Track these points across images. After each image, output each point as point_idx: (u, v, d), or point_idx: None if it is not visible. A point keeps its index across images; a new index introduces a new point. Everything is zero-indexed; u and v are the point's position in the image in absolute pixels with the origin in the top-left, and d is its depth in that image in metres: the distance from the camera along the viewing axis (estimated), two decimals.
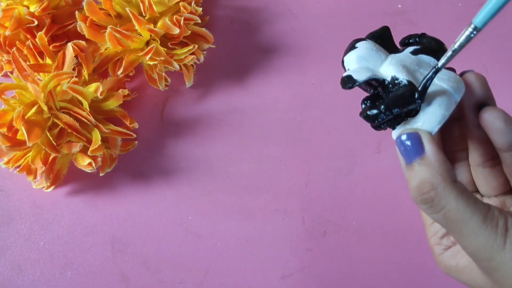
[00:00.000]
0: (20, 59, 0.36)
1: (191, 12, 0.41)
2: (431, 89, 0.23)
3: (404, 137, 0.22)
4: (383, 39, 0.25)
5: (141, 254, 0.37)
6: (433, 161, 0.22)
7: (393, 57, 0.24)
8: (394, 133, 0.24)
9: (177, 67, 0.40)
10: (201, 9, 0.42)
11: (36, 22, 0.39)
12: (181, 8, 0.40)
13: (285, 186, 0.40)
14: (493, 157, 0.26)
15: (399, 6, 0.48)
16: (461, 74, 0.25)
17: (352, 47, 0.25)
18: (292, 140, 0.41)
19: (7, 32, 0.39)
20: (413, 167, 0.22)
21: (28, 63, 0.37)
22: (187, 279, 0.37)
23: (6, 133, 0.34)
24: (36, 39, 0.38)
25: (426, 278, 0.37)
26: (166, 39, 0.41)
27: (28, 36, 0.40)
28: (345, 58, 0.24)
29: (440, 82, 0.23)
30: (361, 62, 0.24)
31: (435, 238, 0.28)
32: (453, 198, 0.21)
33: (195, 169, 0.40)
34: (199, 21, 0.41)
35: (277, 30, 0.47)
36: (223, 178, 0.40)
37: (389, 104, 0.22)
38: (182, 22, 0.39)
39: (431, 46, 0.25)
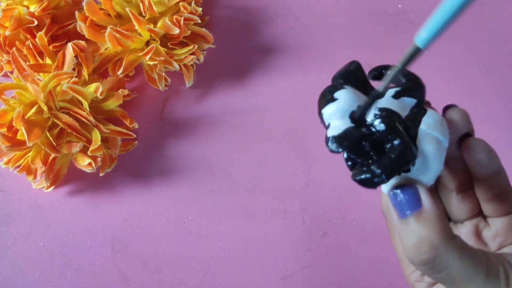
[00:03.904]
0: (20, 59, 0.36)
1: (191, 12, 0.41)
2: (422, 138, 0.21)
3: (398, 190, 0.21)
4: (357, 79, 0.23)
5: (141, 254, 0.37)
6: (431, 217, 0.20)
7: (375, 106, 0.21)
8: (385, 186, 0.22)
9: (177, 67, 0.40)
10: (201, 9, 0.42)
11: (36, 22, 0.39)
12: (181, 8, 0.40)
13: (285, 186, 0.40)
14: (466, 182, 0.25)
15: (399, 6, 0.48)
16: (444, 109, 0.24)
17: (330, 98, 0.22)
18: (292, 140, 0.41)
19: (7, 32, 0.39)
20: (409, 222, 0.20)
21: (28, 63, 0.37)
22: (187, 279, 0.37)
23: (6, 133, 0.34)
24: (36, 39, 0.38)
25: None
26: (166, 39, 0.41)
27: (28, 36, 0.40)
28: (324, 111, 0.21)
29: (429, 129, 0.21)
30: (344, 116, 0.21)
31: (416, 276, 0.26)
32: (457, 257, 0.19)
33: (195, 169, 0.40)
34: (199, 21, 0.41)
35: (277, 30, 0.47)
36: (223, 178, 0.40)
37: (386, 169, 0.19)
38: (182, 22, 0.39)
39: (409, 85, 0.23)
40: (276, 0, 0.49)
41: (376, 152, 0.21)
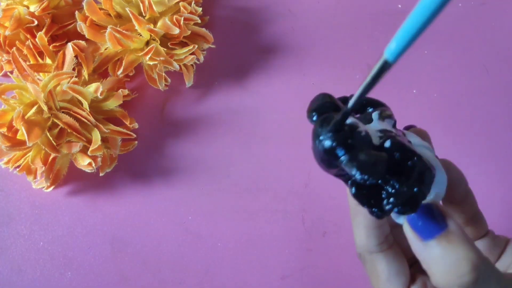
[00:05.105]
0: (20, 59, 0.36)
1: (191, 12, 0.41)
2: (422, 153, 0.19)
3: (417, 212, 0.19)
4: (333, 111, 0.20)
5: (141, 254, 0.37)
6: (462, 235, 0.18)
7: (371, 130, 0.19)
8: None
9: (177, 67, 0.40)
10: (201, 9, 0.42)
11: (36, 22, 0.39)
12: (181, 8, 0.40)
13: (285, 186, 0.40)
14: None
15: (399, 6, 0.48)
16: (405, 130, 0.23)
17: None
18: (292, 140, 0.41)
19: (7, 32, 0.39)
20: (439, 245, 0.18)
21: (28, 63, 0.37)
22: (187, 279, 0.37)
23: (6, 133, 0.34)
24: (36, 39, 0.38)
25: None
26: (166, 39, 0.41)
27: (28, 36, 0.40)
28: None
29: (420, 144, 0.20)
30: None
31: None
32: (495, 276, 0.18)
33: (195, 169, 0.40)
34: (199, 21, 0.41)
35: (277, 30, 0.47)
36: (223, 178, 0.40)
37: (424, 190, 0.18)
38: (182, 22, 0.39)
39: (384, 108, 0.21)
40: (276, 0, 0.49)
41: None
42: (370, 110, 0.21)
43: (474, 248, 0.18)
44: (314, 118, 0.21)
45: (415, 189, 0.17)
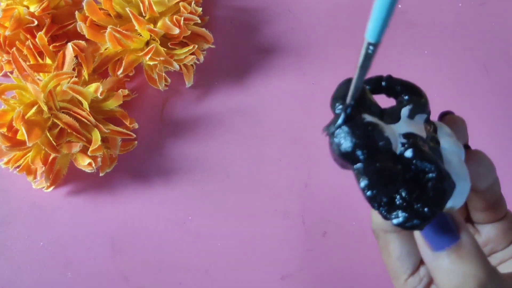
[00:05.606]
0: (20, 59, 0.36)
1: (191, 12, 0.41)
2: (447, 159, 0.18)
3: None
4: (363, 99, 0.19)
5: (141, 254, 0.37)
6: (473, 249, 0.18)
7: (394, 135, 0.18)
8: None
9: (177, 67, 0.40)
10: (201, 9, 0.42)
11: (36, 22, 0.39)
12: (181, 8, 0.40)
13: (285, 186, 0.40)
14: None
15: (399, 6, 0.48)
16: (441, 116, 0.22)
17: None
18: (292, 140, 0.41)
19: (7, 32, 0.39)
20: (448, 257, 0.18)
21: (28, 63, 0.37)
22: (187, 279, 0.37)
23: (6, 133, 0.34)
24: (36, 39, 0.38)
25: None
26: (166, 39, 0.41)
27: (28, 36, 0.40)
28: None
29: (449, 147, 0.19)
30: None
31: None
32: None
33: (195, 169, 0.40)
34: (199, 21, 0.41)
35: (277, 30, 0.47)
36: (223, 178, 0.40)
37: (433, 206, 0.17)
38: (182, 22, 0.39)
39: (416, 99, 0.20)
40: (275, 0, 0.49)
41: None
42: (406, 98, 0.20)
43: (484, 264, 0.17)
44: (337, 111, 0.19)
45: (425, 209, 0.17)
